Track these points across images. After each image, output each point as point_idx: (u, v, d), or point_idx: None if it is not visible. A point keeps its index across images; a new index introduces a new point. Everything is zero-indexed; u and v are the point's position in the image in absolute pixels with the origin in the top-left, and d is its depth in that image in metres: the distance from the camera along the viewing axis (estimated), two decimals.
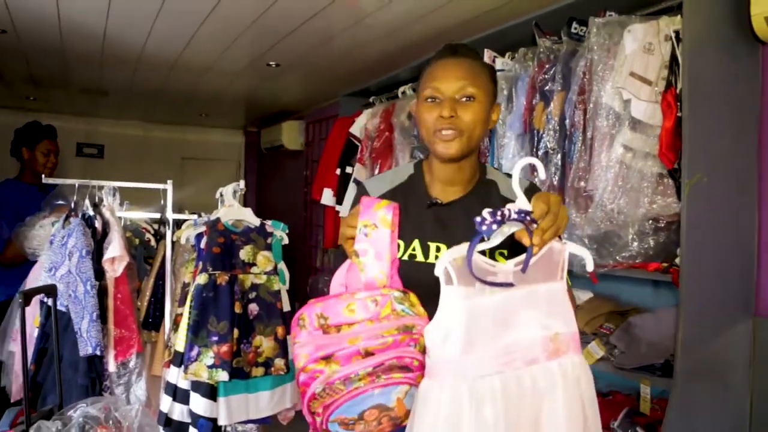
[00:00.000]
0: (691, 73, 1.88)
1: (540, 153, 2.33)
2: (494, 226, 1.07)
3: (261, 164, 6.99)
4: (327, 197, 3.75)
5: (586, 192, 2.15)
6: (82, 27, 3.17)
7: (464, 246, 1.09)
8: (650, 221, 2.06)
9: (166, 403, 2.30)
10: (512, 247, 1.19)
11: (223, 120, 6.36)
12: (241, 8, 2.90)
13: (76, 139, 5.95)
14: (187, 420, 2.27)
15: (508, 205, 1.10)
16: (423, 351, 1.10)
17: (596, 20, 2.09)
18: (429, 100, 1.30)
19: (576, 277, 2.27)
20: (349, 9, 2.87)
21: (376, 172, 3.33)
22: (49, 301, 1.86)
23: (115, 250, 2.22)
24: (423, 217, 1.33)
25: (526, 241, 1.10)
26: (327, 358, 1.06)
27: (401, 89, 3.46)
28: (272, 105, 5.51)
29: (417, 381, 1.11)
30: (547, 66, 2.31)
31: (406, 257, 1.30)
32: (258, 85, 4.61)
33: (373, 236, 1.20)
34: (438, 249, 1.30)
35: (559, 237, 1.17)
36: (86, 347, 2.14)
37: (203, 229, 2.30)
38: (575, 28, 2.23)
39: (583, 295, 2.45)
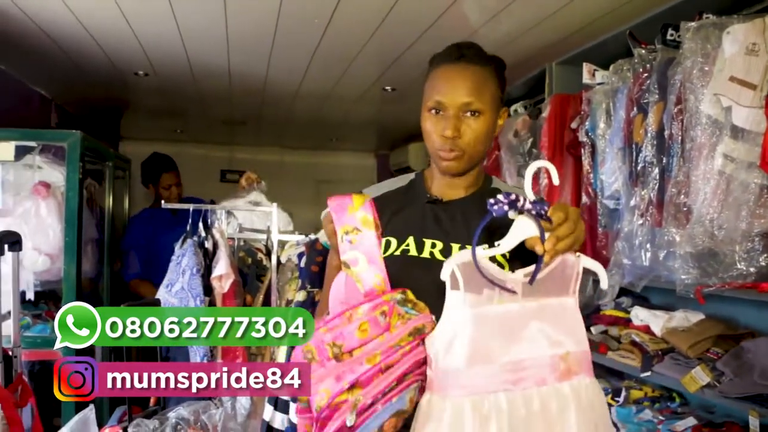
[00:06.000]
0: None
1: (639, 167, 2.22)
2: (506, 208, 1.01)
3: None
4: None
5: (685, 207, 2.02)
6: (209, 66, 3.49)
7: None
8: (759, 237, 1.90)
9: (268, 411, 2.43)
10: (524, 258, 1.11)
11: (353, 143, 6.60)
12: (346, 39, 3.04)
13: (220, 166, 6.46)
14: (288, 428, 2.39)
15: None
16: None
17: (689, 24, 1.97)
18: (432, 111, 1.23)
19: (683, 298, 2.13)
20: (451, 31, 2.92)
21: None
22: None
23: (221, 268, 2.42)
24: (420, 215, 1.27)
25: (538, 249, 1.02)
26: (351, 388, 1.02)
27: (513, 107, 3.44)
28: (399, 127, 5.63)
29: (424, 374, 1.06)
30: (643, 77, 2.21)
31: (398, 252, 1.23)
32: (380, 109, 4.76)
33: (358, 241, 1.13)
34: (433, 245, 1.23)
35: (575, 251, 1.09)
36: (195, 356, 2.35)
37: (303, 249, 2.44)
38: (671, 35, 2.11)
39: (693, 317, 2.28)
